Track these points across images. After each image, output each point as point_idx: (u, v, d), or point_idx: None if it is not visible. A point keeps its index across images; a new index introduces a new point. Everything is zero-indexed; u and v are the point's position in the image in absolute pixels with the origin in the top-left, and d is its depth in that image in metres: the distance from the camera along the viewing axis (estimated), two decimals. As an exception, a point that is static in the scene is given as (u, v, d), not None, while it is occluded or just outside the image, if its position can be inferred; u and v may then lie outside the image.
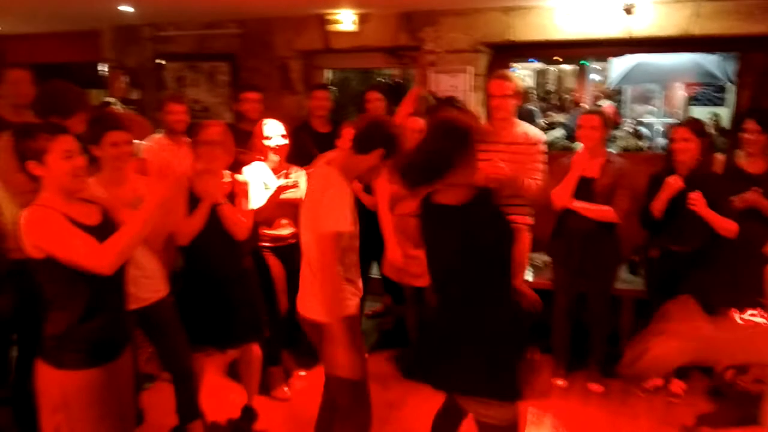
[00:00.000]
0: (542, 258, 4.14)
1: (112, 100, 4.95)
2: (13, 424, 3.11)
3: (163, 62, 5.51)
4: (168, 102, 3.88)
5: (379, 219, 3.44)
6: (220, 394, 3.49)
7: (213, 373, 3.46)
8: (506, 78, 3.52)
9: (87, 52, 5.92)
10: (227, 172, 2.98)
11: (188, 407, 2.90)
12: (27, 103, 3.10)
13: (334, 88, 4.98)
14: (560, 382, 3.69)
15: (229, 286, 2.89)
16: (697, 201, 3.19)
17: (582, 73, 8.91)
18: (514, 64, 5.69)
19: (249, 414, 3.22)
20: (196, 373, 2.94)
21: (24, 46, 6.26)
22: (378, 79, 6.69)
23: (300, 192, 3.23)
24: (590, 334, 3.68)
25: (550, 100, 9.27)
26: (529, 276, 4.00)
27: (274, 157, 3.37)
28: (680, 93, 7.79)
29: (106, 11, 4.66)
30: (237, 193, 2.95)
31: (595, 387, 3.63)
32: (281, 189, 3.21)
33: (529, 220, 3.62)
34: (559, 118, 8.09)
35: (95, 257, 1.90)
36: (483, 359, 2.06)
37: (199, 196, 2.84)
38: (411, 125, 3.56)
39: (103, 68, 5.82)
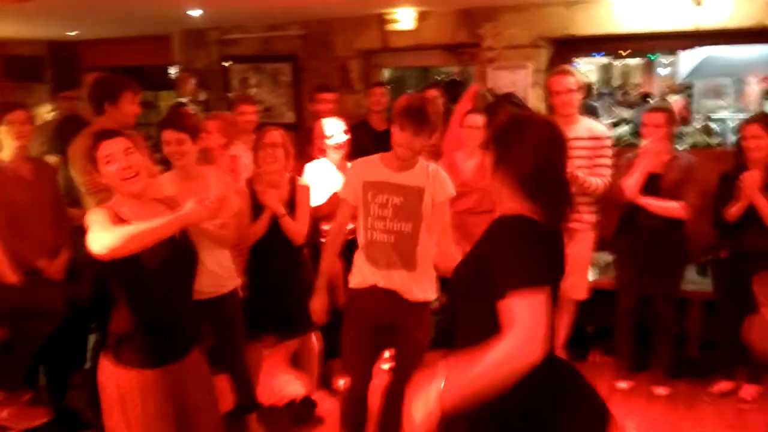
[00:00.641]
0: (606, 257, 4.04)
1: (184, 100, 5.17)
2: (89, 408, 3.30)
3: (229, 64, 5.70)
4: (239, 103, 4.02)
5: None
6: (281, 384, 3.58)
7: (276, 363, 3.55)
8: (567, 73, 3.46)
9: (158, 55, 6.19)
10: (288, 175, 3.05)
11: (244, 399, 2.99)
12: None
13: (391, 85, 5.02)
14: (623, 384, 3.60)
15: (286, 278, 2.98)
16: (749, 181, 3.07)
17: (649, 68, 8.61)
18: (577, 59, 5.57)
19: (308, 404, 3.30)
20: (254, 366, 3.04)
21: (100, 50, 6.62)
22: (436, 77, 6.69)
23: None
24: (655, 336, 3.57)
25: (616, 95, 9.01)
26: (593, 275, 3.91)
27: (336, 154, 3.43)
28: (755, 87, 7.41)
29: (176, 16, 4.86)
30: (298, 199, 3.01)
31: (660, 390, 3.52)
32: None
33: (594, 218, 3.55)
34: (625, 113, 7.85)
35: (96, 237, 1.88)
36: None
37: (260, 201, 2.93)
38: (469, 122, 3.56)
39: (173, 71, 6.08)
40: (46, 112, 5.91)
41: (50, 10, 4.33)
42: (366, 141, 4.00)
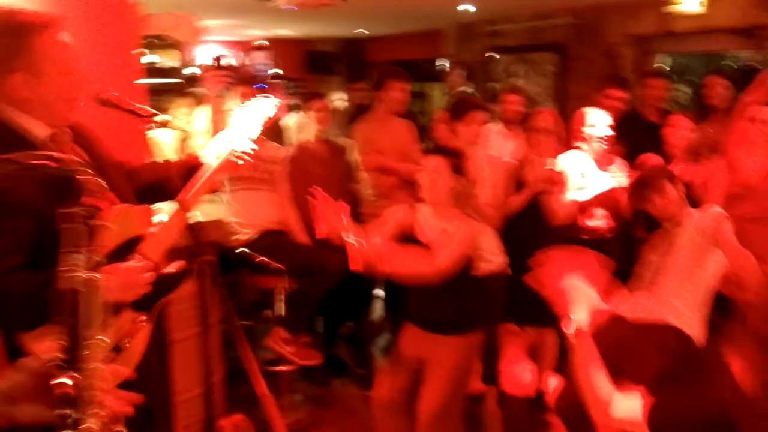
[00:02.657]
0: None
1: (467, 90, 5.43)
2: (351, 359, 3.79)
3: (495, 55, 5.85)
4: (505, 92, 4.14)
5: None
6: (517, 371, 3.62)
7: (513, 351, 3.60)
8: None
9: (429, 49, 6.64)
10: (552, 160, 3.06)
11: (486, 379, 3.10)
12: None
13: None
14: None
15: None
16: None
17: None
18: None
19: (540, 398, 3.28)
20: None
21: (382, 46, 7.36)
22: (724, 63, 5.92)
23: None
24: None
25: None
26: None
27: (597, 147, 3.32)
28: None
29: (448, 11, 5.16)
30: (555, 182, 3.01)
31: None
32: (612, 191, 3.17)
33: None
34: None
35: None
36: None
37: (524, 179, 2.99)
38: (759, 116, 3.12)
39: (442, 63, 6.45)
40: (336, 101, 6.78)
41: (345, 10, 4.96)
42: (635, 134, 3.72)
